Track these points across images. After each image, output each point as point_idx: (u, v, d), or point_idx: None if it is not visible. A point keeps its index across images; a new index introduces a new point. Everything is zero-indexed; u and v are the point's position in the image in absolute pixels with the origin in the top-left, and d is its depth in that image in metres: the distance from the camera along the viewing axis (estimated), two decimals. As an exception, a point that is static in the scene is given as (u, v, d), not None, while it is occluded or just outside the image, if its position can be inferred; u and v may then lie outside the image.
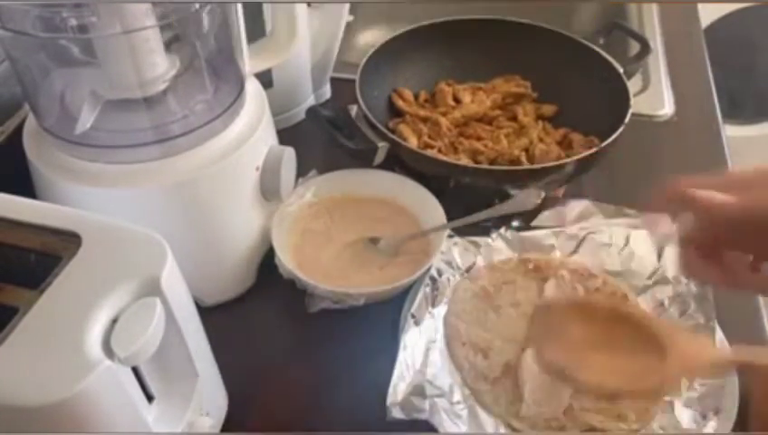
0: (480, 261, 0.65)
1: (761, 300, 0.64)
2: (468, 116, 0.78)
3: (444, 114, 0.78)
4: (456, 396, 0.54)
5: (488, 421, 0.53)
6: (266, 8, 0.71)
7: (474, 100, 0.81)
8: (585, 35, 0.82)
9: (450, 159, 0.71)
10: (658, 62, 0.96)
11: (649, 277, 0.63)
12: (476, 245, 0.66)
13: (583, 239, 0.66)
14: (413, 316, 0.58)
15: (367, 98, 0.73)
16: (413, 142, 0.73)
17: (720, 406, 0.52)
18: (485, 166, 0.71)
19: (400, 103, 0.81)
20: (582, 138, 0.75)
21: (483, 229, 0.66)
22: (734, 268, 0.46)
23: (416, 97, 0.84)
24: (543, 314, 0.51)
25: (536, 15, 0.86)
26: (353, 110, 0.72)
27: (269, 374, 0.60)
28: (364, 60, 0.77)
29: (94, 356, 0.36)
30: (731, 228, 0.44)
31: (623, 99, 0.72)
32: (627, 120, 0.69)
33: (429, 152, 0.71)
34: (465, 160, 0.72)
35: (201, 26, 0.57)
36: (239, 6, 0.58)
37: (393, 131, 0.75)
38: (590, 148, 0.69)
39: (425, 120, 0.78)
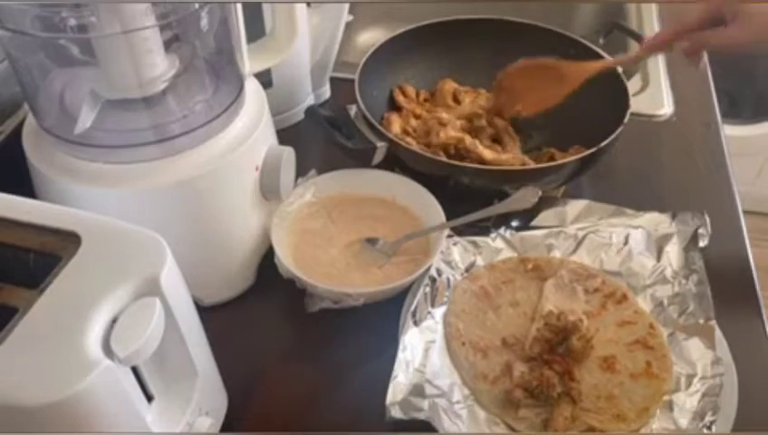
0: (479, 261, 0.65)
1: (761, 300, 0.64)
2: (465, 116, 0.78)
3: (441, 122, 0.77)
4: (456, 396, 0.54)
5: (487, 421, 0.53)
6: (266, 8, 0.71)
7: (474, 101, 0.81)
8: (585, 35, 0.82)
9: (448, 158, 0.71)
10: (658, 62, 0.96)
11: (649, 277, 0.63)
12: (476, 245, 0.66)
13: (583, 239, 0.66)
14: (413, 316, 0.58)
15: (366, 98, 0.73)
16: (395, 129, 0.74)
17: (719, 406, 0.52)
18: (485, 166, 0.71)
19: (401, 99, 0.81)
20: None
21: (482, 229, 0.66)
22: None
23: (416, 96, 0.84)
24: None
25: (536, 15, 0.87)
26: (352, 109, 0.72)
27: (268, 374, 0.60)
28: (363, 60, 0.77)
29: (94, 356, 0.36)
30: None
31: (622, 98, 0.72)
32: (626, 119, 0.69)
33: (424, 150, 0.71)
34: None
35: (200, 26, 0.57)
36: (239, 6, 0.58)
37: (382, 119, 0.76)
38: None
39: (418, 117, 0.78)
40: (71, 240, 0.42)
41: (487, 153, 0.72)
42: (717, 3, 0.65)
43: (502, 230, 0.67)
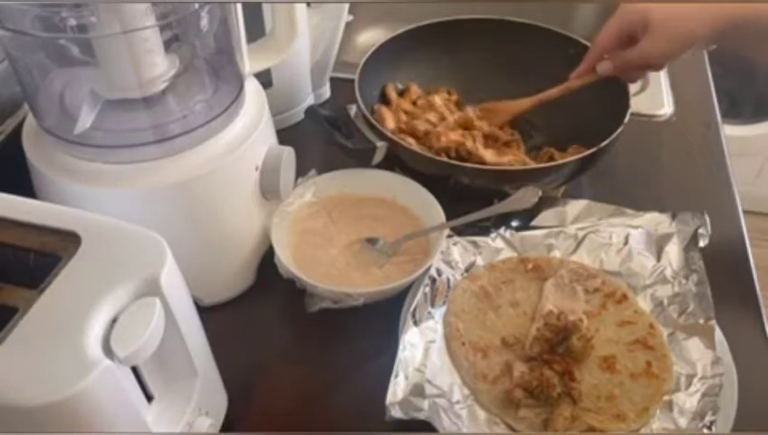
0: (479, 261, 0.65)
1: (761, 300, 0.64)
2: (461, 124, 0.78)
3: (436, 124, 0.77)
4: (456, 396, 0.54)
5: (487, 421, 0.53)
6: (266, 8, 0.71)
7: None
8: (585, 35, 0.82)
9: (449, 159, 0.71)
10: (658, 62, 0.95)
11: (649, 277, 0.63)
12: (476, 244, 0.66)
13: (583, 239, 0.66)
14: (413, 316, 0.58)
15: (366, 98, 0.73)
16: (389, 125, 0.74)
17: (719, 406, 0.52)
18: (485, 166, 0.71)
19: (393, 96, 0.81)
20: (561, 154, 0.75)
21: (482, 229, 0.66)
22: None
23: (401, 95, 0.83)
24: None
25: (536, 15, 0.87)
26: (352, 109, 0.72)
27: (268, 374, 0.60)
28: (363, 60, 0.77)
29: (94, 356, 0.36)
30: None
31: (622, 99, 0.72)
32: (626, 120, 0.69)
33: (423, 150, 0.71)
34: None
35: (200, 26, 0.57)
36: (239, 6, 0.58)
37: (373, 112, 0.76)
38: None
39: (407, 113, 0.79)
40: (71, 240, 0.42)
41: (489, 155, 0.72)
42: (626, 17, 0.67)
43: (502, 230, 0.67)
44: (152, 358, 0.40)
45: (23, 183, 0.56)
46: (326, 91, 0.89)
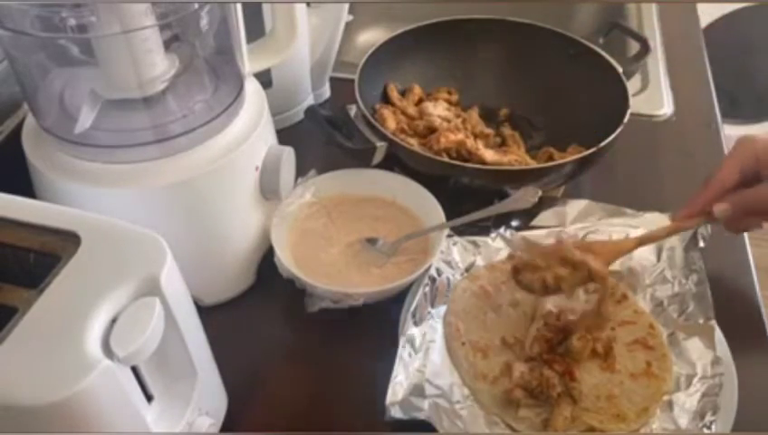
0: (479, 261, 0.65)
1: (761, 300, 0.64)
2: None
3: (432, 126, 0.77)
4: (456, 396, 0.54)
5: (487, 421, 0.53)
6: (266, 8, 0.71)
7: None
8: (585, 35, 0.82)
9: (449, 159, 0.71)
10: (658, 62, 0.96)
11: (649, 277, 0.63)
12: (476, 244, 0.66)
13: (583, 239, 0.66)
14: (413, 316, 0.58)
15: (366, 98, 0.73)
16: (390, 126, 0.74)
17: (719, 406, 0.52)
18: (485, 166, 0.71)
19: (395, 96, 0.81)
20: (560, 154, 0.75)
21: (482, 229, 0.66)
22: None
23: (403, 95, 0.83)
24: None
25: (536, 15, 0.87)
26: (352, 109, 0.72)
27: (268, 374, 0.60)
28: (363, 60, 0.77)
29: (94, 356, 0.36)
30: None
31: (622, 99, 0.72)
32: (626, 119, 0.69)
33: (424, 150, 0.71)
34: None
35: (200, 26, 0.57)
36: (239, 6, 0.58)
37: (375, 112, 0.76)
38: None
39: (404, 113, 0.79)
40: (71, 240, 0.42)
41: (489, 155, 0.72)
42: (748, 151, 0.59)
43: (502, 230, 0.67)
44: (152, 358, 0.40)
45: (23, 183, 0.56)
46: (326, 91, 0.89)
